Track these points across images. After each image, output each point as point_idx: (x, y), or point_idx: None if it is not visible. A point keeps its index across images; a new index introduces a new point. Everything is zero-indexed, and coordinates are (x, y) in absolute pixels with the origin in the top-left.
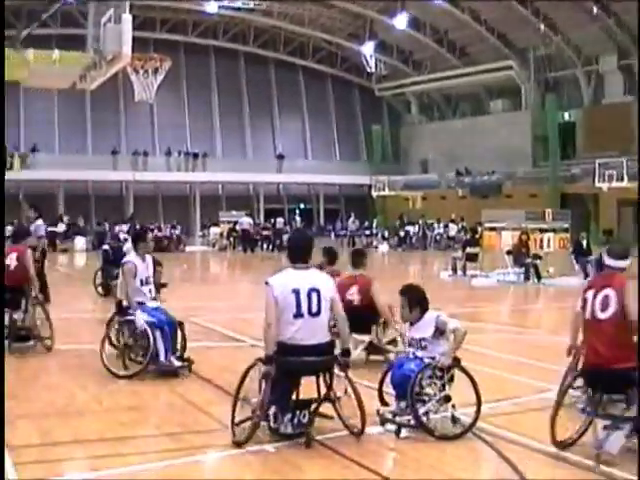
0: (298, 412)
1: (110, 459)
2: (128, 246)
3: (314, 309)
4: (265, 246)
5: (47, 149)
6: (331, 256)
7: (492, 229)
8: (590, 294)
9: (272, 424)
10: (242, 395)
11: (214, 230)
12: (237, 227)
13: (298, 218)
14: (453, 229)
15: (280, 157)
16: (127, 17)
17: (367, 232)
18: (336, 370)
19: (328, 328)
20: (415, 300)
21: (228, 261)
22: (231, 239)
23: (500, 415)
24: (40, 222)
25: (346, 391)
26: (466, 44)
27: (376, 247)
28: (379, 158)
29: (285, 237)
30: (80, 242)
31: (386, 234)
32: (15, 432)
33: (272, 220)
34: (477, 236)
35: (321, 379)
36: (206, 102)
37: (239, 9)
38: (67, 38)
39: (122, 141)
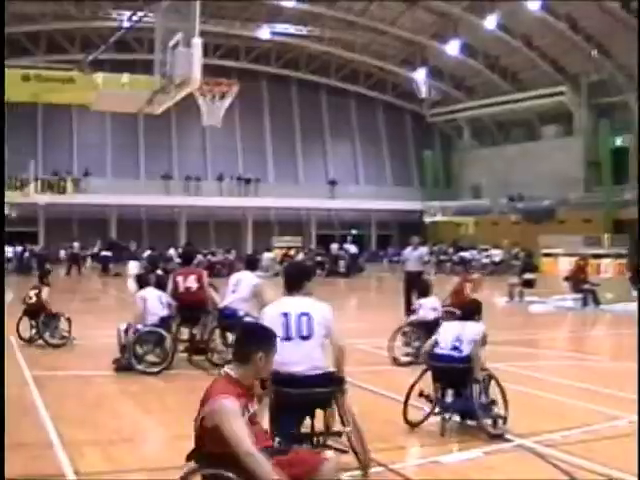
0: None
1: None
2: None
3: (304, 332)
4: (319, 272)
5: (99, 173)
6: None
7: (549, 255)
8: None
9: None
10: None
11: (267, 255)
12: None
13: (349, 245)
14: (497, 255)
15: (332, 183)
16: (197, 41)
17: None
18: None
19: (324, 357)
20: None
21: (281, 286)
22: (284, 264)
23: (575, 444)
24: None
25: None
26: (518, 70)
27: (429, 274)
28: (431, 184)
29: (342, 263)
30: (133, 266)
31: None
32: (82, 459)
33: (324, 246)
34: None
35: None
36: (258, 127)
37: (291, 35)
38: (120, 63)
39: (174, 166)
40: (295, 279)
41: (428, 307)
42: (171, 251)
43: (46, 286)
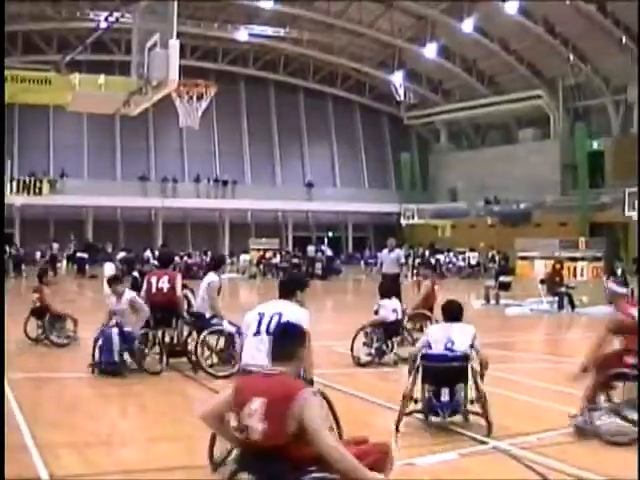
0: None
1: None
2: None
3: (272, 329)
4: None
5: (76, 174)
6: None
7: (525, 258)
8: None
9: None
10: None
11: (244, 257)
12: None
13: (325, 247)
14: (474, 258)
15: (309, 185)
16: (174, 43)
17: None
18: None
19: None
20: None
21: (258, 288)
22: (261, 266)
23: (550, 446)
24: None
25: None
26: (495, 73)
27: (405, 275)
28: (408, 186)
29: (318, 265)
30: (109, 268)
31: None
32: (59, 462)
33: (300, 248)
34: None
35: None
36: (235, 129)
37: (269, 37)
38: (97, 64)
39: (151, 167)
40: (287, 287)
41: (389, 308)
42: (147, 253)
43: (45, 285)
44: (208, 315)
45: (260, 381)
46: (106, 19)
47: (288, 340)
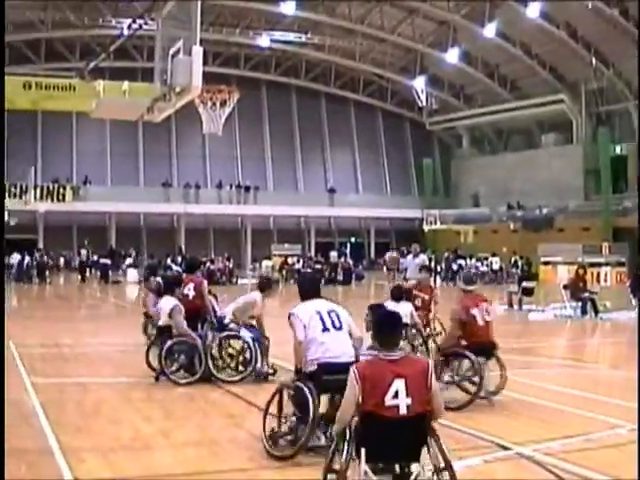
0: (331, 425)
1: None
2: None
3: (337, 324)
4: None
5: (99, 181)
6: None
7: (548, 263)
8: None
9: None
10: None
11: (266, 263)
12: None
13: (348, 253)
14: (496, 263)
15: (331, 191)
16: (198, 49)
17: None
18: None
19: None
20: None
21: (280, 294)
22: (283, 272)
23: (573, 452)
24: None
25: None
26: (517, 78)
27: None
28: (430, 192)
29: (339, 270)
30: (132, 274)
31: (438, 268)
32: (83, 466)
33: (323, 254)
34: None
35: None
36: (257, 135)
37: (291, 43)
38: (120, 71)
39: (174, 174)
40: (313, 288)
41: (401, 313)
42: (169, 259)
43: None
44: (227, 320)
45: (391, 366)
46: (129, 26)
47: (399, 329)
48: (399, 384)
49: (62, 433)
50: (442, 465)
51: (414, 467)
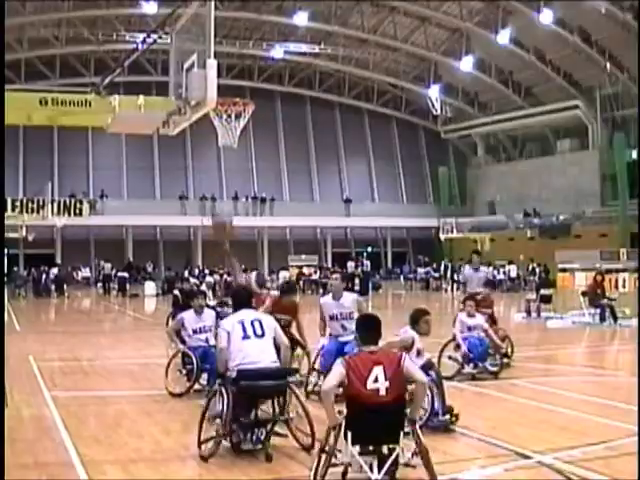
0: (257, 430)
1: None
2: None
3: (259, 332)
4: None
5: (115, 195)
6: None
7: (565, 270)
8: None
9: (234, 440)
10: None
11: (283, 274)
12: None
13: (366, 262)
14: (514, 270)
15: (347, 201)
16: (212, 62)
17: (436, 275)
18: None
19: (277, 353)
20: None
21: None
22: (300, 283)
23: (595, 460)
24: None
25: (297, 412)
26: (531, 84)
27: (445, 290)
28: (446, 200)
29: (356, 281)
30: (150, 287)
31: (455, 277)
32: (103, 477)
33: (340, 264)
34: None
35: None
36: (273, 146)
37: (304, 54)
38: (134, 85)
39: (190, 186)
40: (244, 299)
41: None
42: (187, 272)
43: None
44: None
45: (370, 357)
46: (143, 41)
47: (377, 329)
48: (378, 370)
49: (83, 446)
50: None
51: (396, 450)
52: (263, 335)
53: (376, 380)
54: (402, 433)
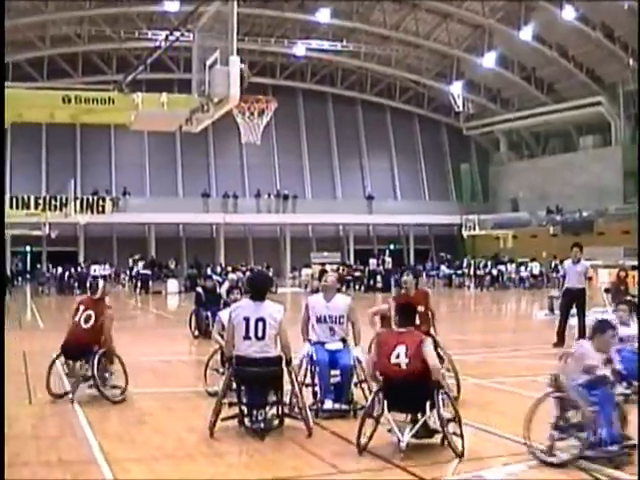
0: (255, 412)
1: None
2: (225, 288)
3: (259, 334)
4: (357, 287)
5: (138, 192)
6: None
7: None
8: None
9: (240, 419)
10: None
11: (306, 271)
12: None
13: (388, 259)
14: (536, 267)
15: (369, 198)
16: (235, 59)
17: (459, 272)
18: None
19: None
20: None
21: None
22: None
23: (617, 457)
24: None
25: (293, 393)
26: (554, 80)
27: (468, 287)
28: (468, 197)
29: (378, 278)
30: (172, 284)
31: (478, 273)
32: (126, 474)
33: (362, 261)
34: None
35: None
36: (295, 144)
37: (326, 51)
38: (156, 83)
39: (212, 184)
40: (259, 289)
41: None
42: (209, 269)
43: None
44: None
45: (397, 336)
46: (166, 38)
47: (413, 316)
48: (401, 349)
49: (106, 443)
50: (450, 416)
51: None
52: (263, 338)
53: (398, 357)
54: (428, 404)
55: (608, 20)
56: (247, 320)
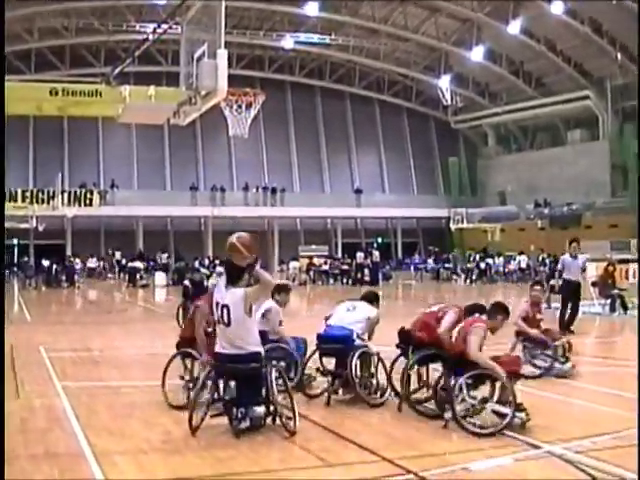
0: (235, 409)
1: None
2: (212, 281)
3: (225, 319)
4: (345, 280)
5: (126, 185)
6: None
7: None
8: None
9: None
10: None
11: (293, 264)
12: None
13: (376, 252)
14: (524, 261)
15: (358, 191)
16: (222, 52)
17: (447, 265)
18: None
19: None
20: None
21: (308, 295)
22: (311, 273)
23: (604, 450)
24: None
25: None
26: (542, 75)
27: (456, 280)
28: (456, 190)
29: (366, 271)
30: (160, 277)
31: (466, 267)
32: (114, 468)
33: (350, 254)
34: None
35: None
36: (283, 137)
37: (315, 44)
38: (144, 75)
39: (200, 177)
40: (231, 273)
41: None
42: (197, 262)
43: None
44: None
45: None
46: (154, 31)
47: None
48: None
49: (94, 436)
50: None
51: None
52: (229, 324)
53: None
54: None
55: (596, 15)
56: (217, 305)
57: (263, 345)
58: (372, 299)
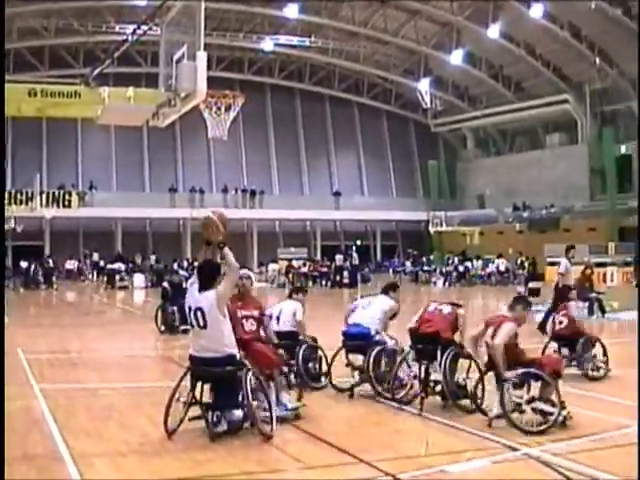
0: (211, 412)
1: None
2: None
3: (200, 323)
4: (324, 283)
5: (105, 187)
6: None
7: (554, 263)
8: None
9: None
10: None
11: (272, 267)
12: None
13: (355, 255)
14: (503, 264)
15: (337, 194)
16: (202, 54)
17: (425, 268)
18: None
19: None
20: None
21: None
22: (289, 275)
23: (581, 452)
24: None
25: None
26: (521, 79)
27: (435, 283)
28: (436, 194)
29: (345, 274)
30: (139, 279)
31: (444, 270)
32: (92, 469)
33: (329, 257)
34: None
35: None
36: (262, 139)
37: (295, 47)
38: (124, 77)
39: (179, 178)
40: (205, 277)
41: None
42: (176, 264)
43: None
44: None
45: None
46: (133, 32)
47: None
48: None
49: (72, 438)
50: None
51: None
52: (205, 326)
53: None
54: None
55: (575, 19)
56: (189, 309)
57: (296, 347)
58: (387, 290)
